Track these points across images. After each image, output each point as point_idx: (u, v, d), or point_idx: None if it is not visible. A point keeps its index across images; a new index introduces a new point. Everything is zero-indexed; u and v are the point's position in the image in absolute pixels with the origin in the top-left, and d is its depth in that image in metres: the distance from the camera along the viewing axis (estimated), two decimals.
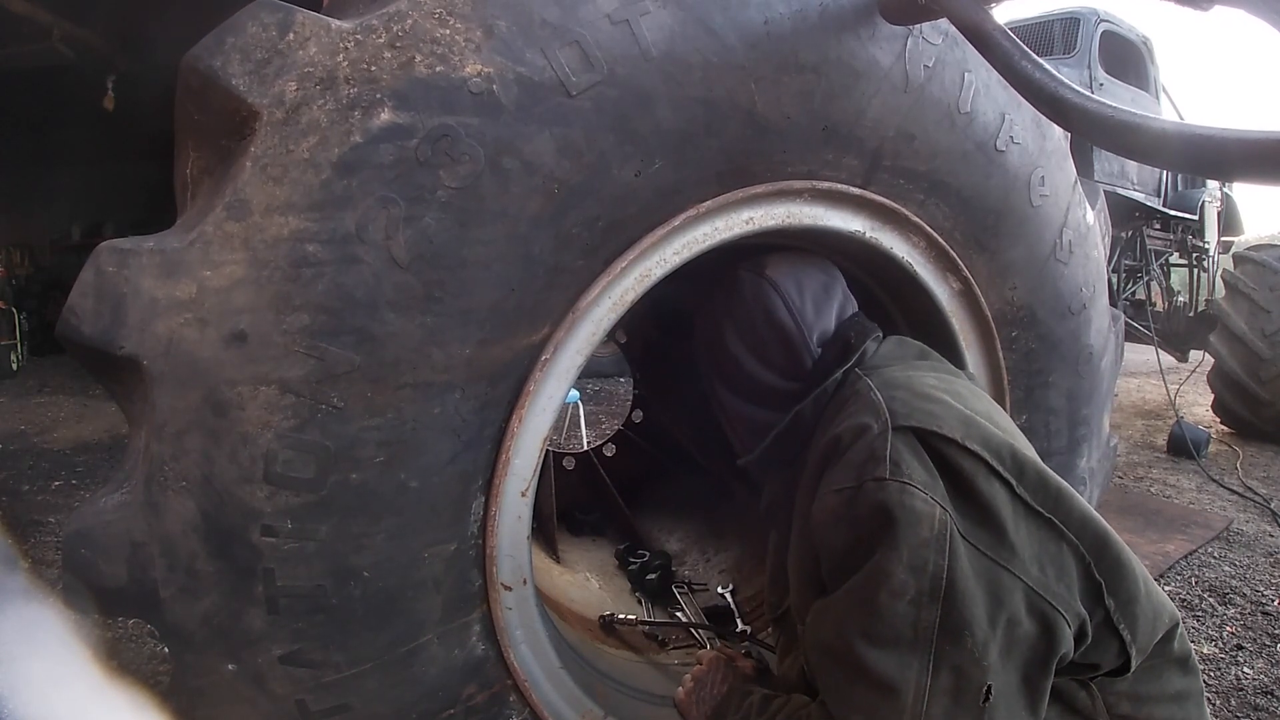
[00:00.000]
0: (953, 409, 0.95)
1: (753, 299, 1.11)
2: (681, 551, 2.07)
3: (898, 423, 0.91)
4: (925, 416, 0.92)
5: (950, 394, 0.99)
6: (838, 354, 1.09)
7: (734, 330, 1.12)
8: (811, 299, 1.11)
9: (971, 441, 0.90)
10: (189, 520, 0.85)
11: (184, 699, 0.92)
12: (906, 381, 1.01)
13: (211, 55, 0.84)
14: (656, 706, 1.34)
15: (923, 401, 0.95)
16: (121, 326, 0.82)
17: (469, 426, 0.94)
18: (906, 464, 0.88)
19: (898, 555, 0.84)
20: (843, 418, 0.99)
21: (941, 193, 1.23)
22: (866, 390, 1.00)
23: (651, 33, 0.94)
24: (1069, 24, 5.03)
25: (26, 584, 1.35)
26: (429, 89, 0.85)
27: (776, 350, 1.09)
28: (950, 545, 0.84)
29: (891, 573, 0.84)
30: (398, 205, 0.84)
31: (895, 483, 0.86)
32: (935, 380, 1.03)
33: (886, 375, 1.03)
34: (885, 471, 0.87)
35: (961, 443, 0.90)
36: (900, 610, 0.83)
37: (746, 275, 1.13)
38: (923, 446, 0.90)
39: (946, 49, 1.16)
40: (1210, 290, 6.37)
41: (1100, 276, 1.51)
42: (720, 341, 1.13)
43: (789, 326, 1.09)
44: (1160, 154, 0.88)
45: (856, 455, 0.92)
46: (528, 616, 1.09)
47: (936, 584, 0.83)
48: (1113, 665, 0.93)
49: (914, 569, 0.83)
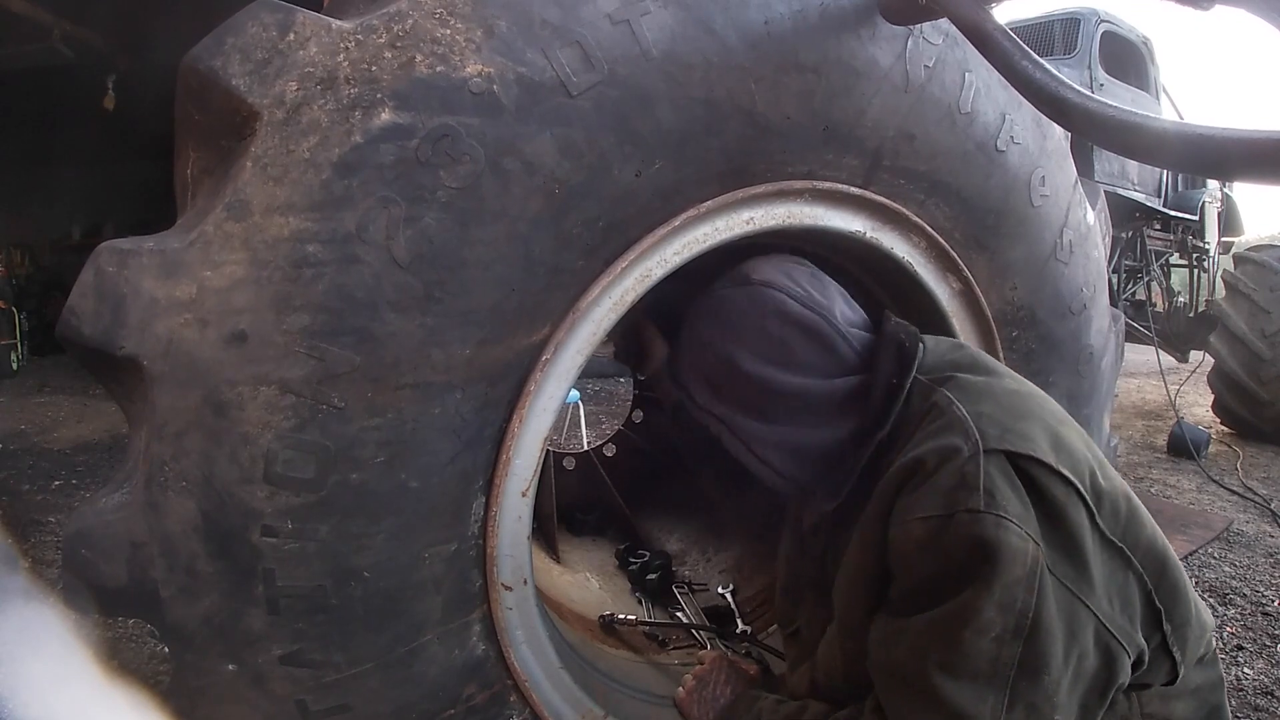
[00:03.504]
0: (1042, 427, 0.89)
1: (753, 307, 1.01)
2: (682, 551, 2.07)
3: (989, 445, 0.85)
4: (1018, 438, 0.86)
5: (1035, 407, 0.93)
6: (895, 361, 0.99)
7: (746, 352, 0.99)
8: (809, 284, 1.03)
9: (1063, 465, 0.86)
10: (189, 520, 0.85)
11: (184, 699, 0.92)
12: (988, 392, 0.93)
13: (211, 55, 0.83)
14: (657, 706, 1.34)
15: (1013, 420, 0.89)
16: (121, 327, 0.82)
17: (469, 426, 0.94)
18: (1001, 494, 0.82)
19: (988, 593, 0.81)
20: (923, 435, 0.91)
21: (942, 193, 1.23)
22: (947, 404, 0.92)
23: (652, 33, 0.94)
24: (1069, 24, 5.03)
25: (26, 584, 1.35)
26: (429, 89, 0.85)
27: (804, 348, 0.99)
28: (1040, 582, 0.81)
29: (980, 609, 0.81)
30: (398, 205, 0.84)
31: (990, 516, 0.81)
32: (1015, 387, 0.97)
33: (964, 386, 0.95)
34: (979, 503, 0.82)
35: (1054, 467, 0.85)
36: (983, 646, 0.81)
37: (729, 292, 1.03)
38: (1015, 471, 0.85)
39: (947, 49, 1.16)
40: (1210, 291, 6.37)
41: (1100, 276, 1.51)
42: (734, 373, 1.00)
43: (806, 316, 0.99)
44: (1161, 154, 0.88)
45: (945, 481, 0.85)
46: (528, 616, 1.09)
47: (1022, 622, 0.81)
48: (1162, 682, 0.93)
49: (1002, 607, 0.81)
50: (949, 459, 0.86)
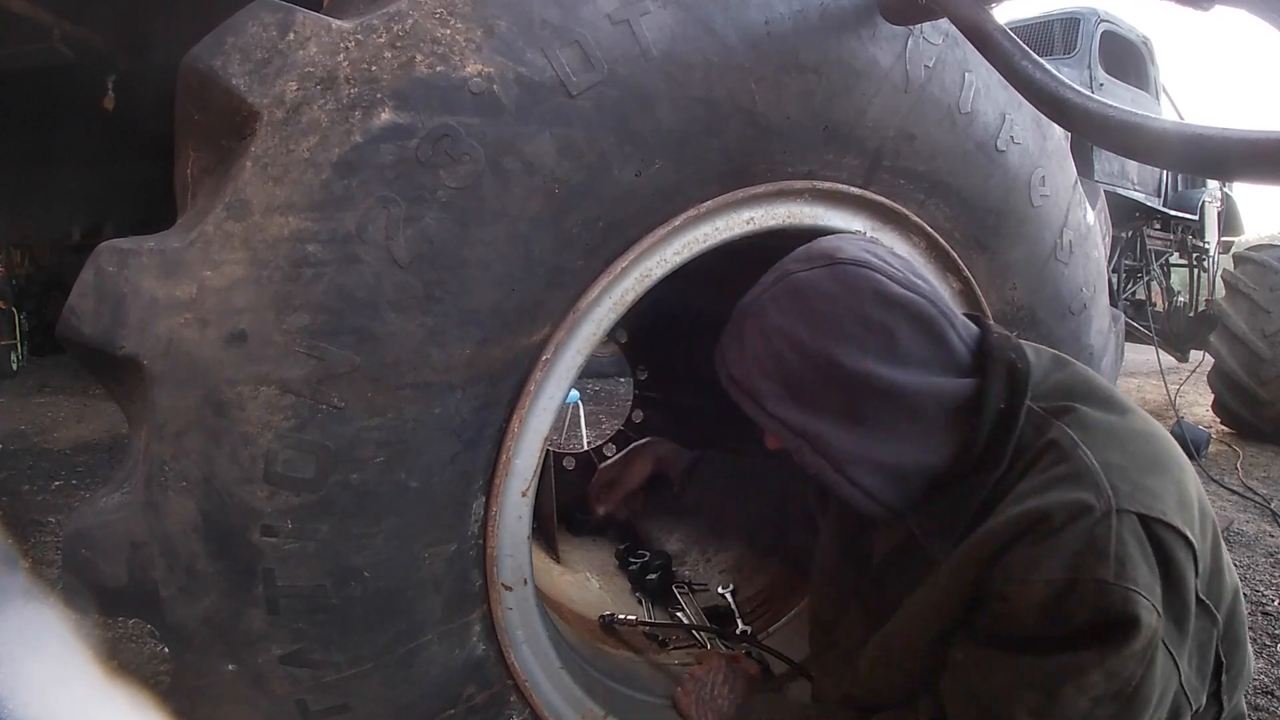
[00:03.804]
0: (1171, 480, 0.84)
1: (845, 291, 0.87)
2: (682, 551, 2.07)
3: (1121, 504, 0.78)
4: (1149, 498, 0.80)
5: (1163, 454, 0.87)
6: (1005, 383, 0.88)
7: (842, 344, 0.85)
8: (901, 265, 0.91)
9: (1187, 526, 0.81)
10: (189, 520, 0.85)
11: (184, 699, 0.92)
12: (1115, 437, 0.85)
13: (211, 55, 0.83)
14: (657, 706, 1.33)
15: (1144, 475, 0.82)
16: (121, 327, 0.82)
17: (469, 426, 0.94)
18: (1131, 562, 0.77)
19: (1100, 660, 0.77)
20: (1044, 481, 0.83)
21: (942, 193, 1.23)
22: (1071, 448, 0.83)
23: (652, 33, 0.94)
24: (1069, 24, 5.03)
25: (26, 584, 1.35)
26: (429, 89, 0.85)
27: (911, 337, 0.86)
28: (1152, 655, 0.78)
29: (1088, 671, 0.78)
30: (398, 205, 0.84)
31: (1119, 588, 0.76)
32: (1140, 427, 0.89)
33: (1087, 424, 0.86)
34: (1109, 573, 0.76)
35: (1180, 530, 0.80)
36: (1080, 704, 0.79)
37: (810, 275, 0.89)
38: (1146, 535, 0.79)
39: (947, 49, 1.16)
40: (1210, 290, 6.37)
41: (1100, 276, 1.51)
42: (826, 372, 0.86)
43: (910, 299, 0.87)
44: (1161, 154, 0.88)
45: (1072, 542, 0.78)
46: (528, 617, 1.09)
47: (1125, 689, 0.78)
48: None
49: (1111, 674, 0.78)
50: (1078, 517, 0.78)
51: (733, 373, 0.95)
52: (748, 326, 0.93)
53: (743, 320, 0.94)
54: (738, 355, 0.94)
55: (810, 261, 0.91)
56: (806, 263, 0.91)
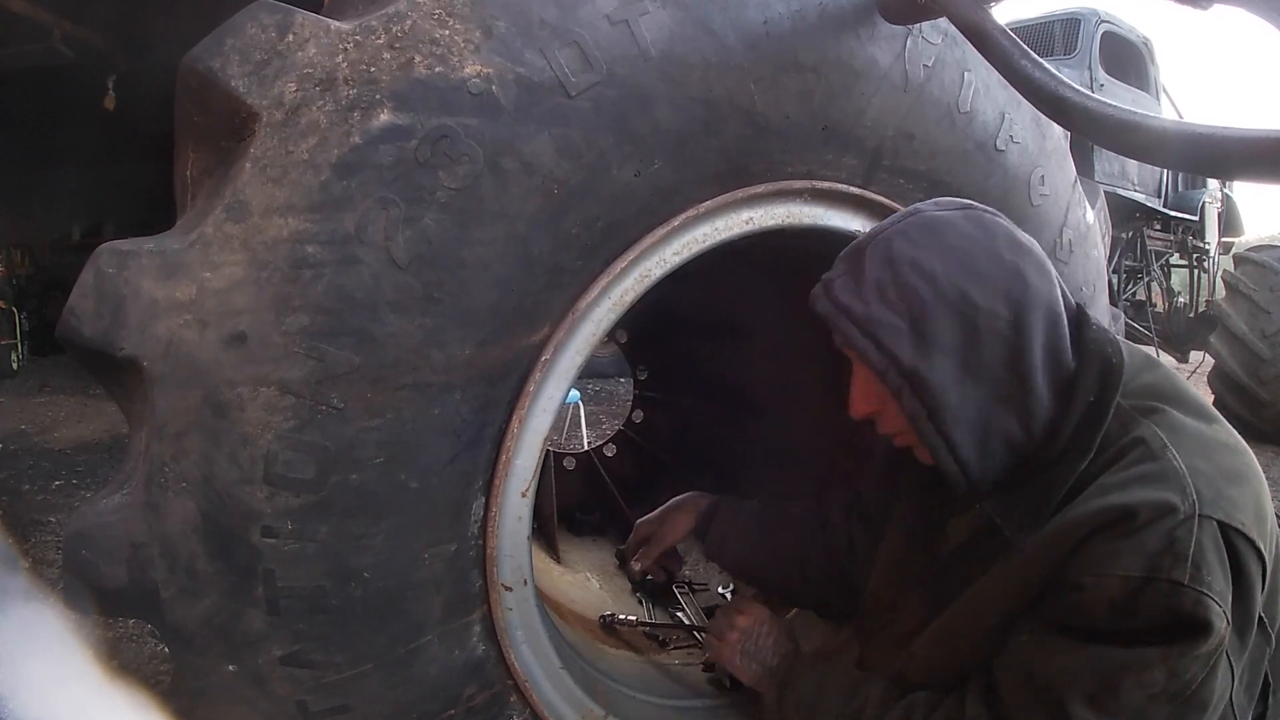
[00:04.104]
0: (1251, 493, 0.84)
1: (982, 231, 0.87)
2: (682, 551, 2.07)
3: (1204, 510, 0.79)
4: (1231, 506, 0.81)
5: (1245, 467, 0.87)
6: (1097, 377, 0.88)
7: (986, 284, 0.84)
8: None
9: (1263, 541, 0.82)
10: (189, 521, 0.85)
11: (184, 699, 0.92)
12: (1203, 444, 0.86)
13: (211, 56, 0.84)
14: (657, 706, 1.34)
15: (1227, 484, 0.83)
16: (121, 328, 0.82)
17: (469, 427, 0.94)
18: (1208, 567, 0.78)
19: (1164, 658, 0.79)
20: (1129, 477, 0.83)
21: (941, 192, 1.23)
22: (1161, 449, 0.84)
23: (651, 33, 0.94)
24: (1069, 24, 5.04)
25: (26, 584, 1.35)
26: (428, 90, 0.85)
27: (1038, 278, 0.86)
28: (1216, 660, 0.79)
29: (1150, 667, 0.79)
30: (397, 206, 0.84)
31: (1193, 591, 0.77)
32: (1226, 439, 0.89)
33: (1176, 427, 0.86)
34: (1184, 575, 0.77)
35: (1255, 542, 0.81)
36: (1136, 698, 0.80)
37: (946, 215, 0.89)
38: (1224, 542, 0.80)
39: (946, 48, 1.16)
40: (1210, 291, 6.38)
41: (1100, 276, 1.51)
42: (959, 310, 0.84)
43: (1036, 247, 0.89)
44: (1161, 153, 0.88)
45: (1153, 541, 0.79)
46: (528, 617, 1.09)
47: (1183, 690, 0.79)
48: None
49: (1173, 673, 0.79)
50: (1162, 517, 0.79)
51: (844, 301, 0.89)
52: (870, 255, 0.89)
53: (862, 252, 0.90)
54: (853, 284, 0.89)
55: (941, 205, 0.91)
56: (937, 205, 0.91)
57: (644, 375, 2.40)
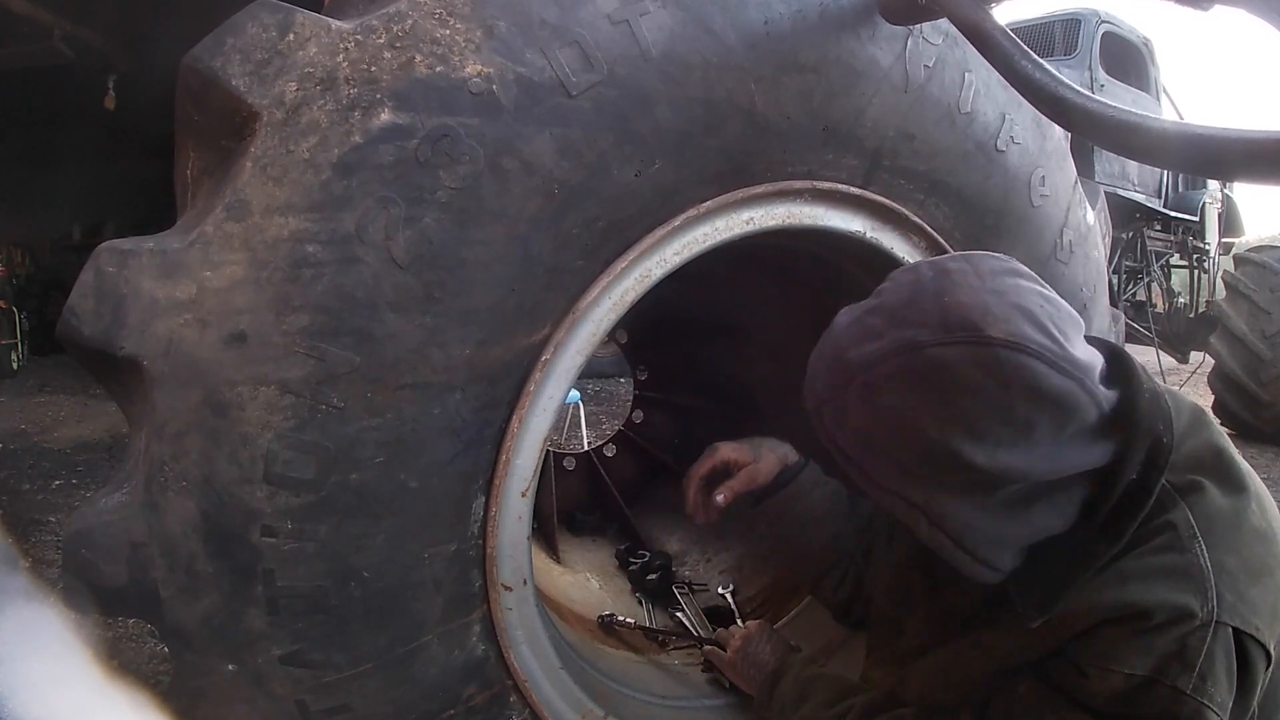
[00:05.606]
0: (1271, 590, 0.82)
1: (993, 382, 0.74)
2: (682, 552, 2.07)
3: (1221, 617, 0.78)
4: (1249, 610, 0.79)
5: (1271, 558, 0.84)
6: (1148, 454, 0.81)
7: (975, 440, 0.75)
8: (1052, 322, 0.76)
9: (1272, 640, 0.81)
10: (189, 521, 0.85)
11: (184, 699, 0.92)
12: (1233, 533, 0.82)
13: (211, 56, 0.84)
14: (657, 706, 1.34)
15: (1249, 582, 0.80)
16: (122, 327, 0.82)
17: (469, 427, 0.94)
18: (1214, 680, 0.77)
19: None
20: (1154, 569, 0.80)
21: (942, 193, 1.23)
22: (1189, 539, 0.80)
23: (651, 33, 0.94)
24: (1070, 25, 5.04)
25: (26, 584, 1.35)
26: (429, 89, 0.85)
27: (1049, 425, 0.76)
28: None
29: None
30: (397, 205, 0.84)
31: (1194, 701, 0.77)
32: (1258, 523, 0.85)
33: (1210, 513, 0.82)
34: (1188, 684, 0.77)
35: (1266, 646, 0.80)
36: None
37: (951, 353, 0.75)
38: (1235, 646, 0.79)
39: (947, 49, 1.16)
40: (1211, 291, 6.38)
41: (1100, 277, 1.51)
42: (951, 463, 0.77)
43: (1063, 387, 0.75)
44: (1161, 154, 0.88)
45: (1164, 643, 0.77)
46: (528, 617, 1.09)
47: None
48: None
49: None
50: (1178, 622, 0.77)
51: (832, 434, 0.85)
52: (853, 396, 0.81)
53: (847, 381, 0.81)
54: (835, 419, 0.84)
55: (949, 332, 0.75)
56: (945, 333, 0.75)
57: (644, 375, 2.40)
